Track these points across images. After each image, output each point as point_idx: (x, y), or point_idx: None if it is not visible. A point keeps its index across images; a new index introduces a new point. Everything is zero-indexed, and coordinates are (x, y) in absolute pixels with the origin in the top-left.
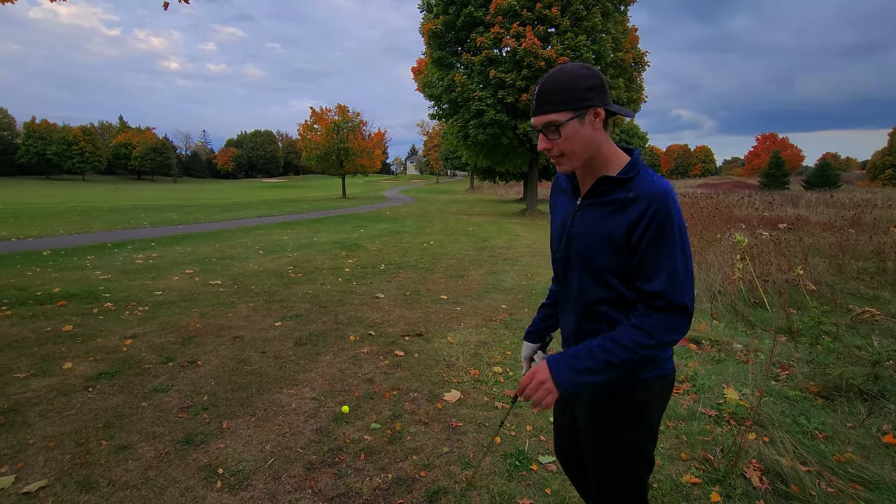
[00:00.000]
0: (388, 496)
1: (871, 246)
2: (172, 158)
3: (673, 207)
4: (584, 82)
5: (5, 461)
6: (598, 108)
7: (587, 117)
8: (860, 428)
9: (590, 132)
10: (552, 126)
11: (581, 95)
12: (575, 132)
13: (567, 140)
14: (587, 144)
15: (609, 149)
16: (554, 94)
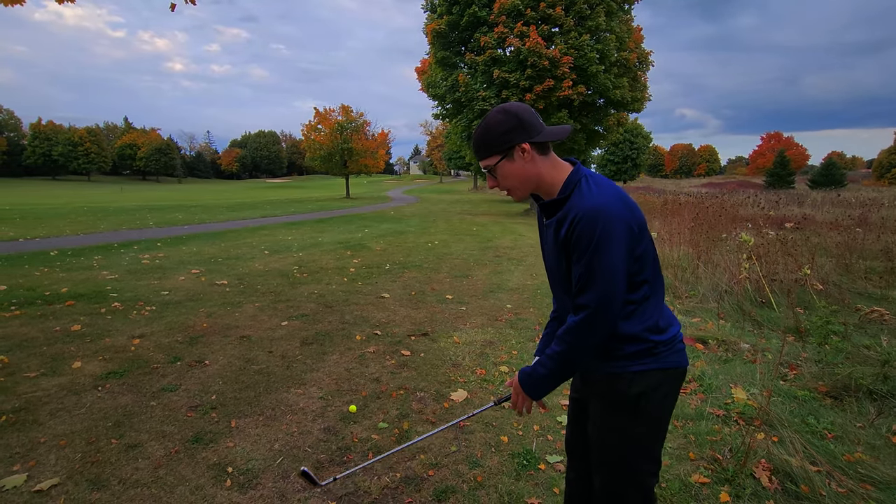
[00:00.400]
0: (396, 495)
1: (879, 245)
2: (177, 159)
3: (598, 224)
4: (500, 128)
5: (17, 459)
6: (521, 144)
7: (515, 154)
8: (870, 428)
9: (522, 166)
10: (489, 169)
11: (501, 140)
12: (508, 170)
13: (504, 178)
14: (524, 176)
15: (551, 173)
16: (480, 145)
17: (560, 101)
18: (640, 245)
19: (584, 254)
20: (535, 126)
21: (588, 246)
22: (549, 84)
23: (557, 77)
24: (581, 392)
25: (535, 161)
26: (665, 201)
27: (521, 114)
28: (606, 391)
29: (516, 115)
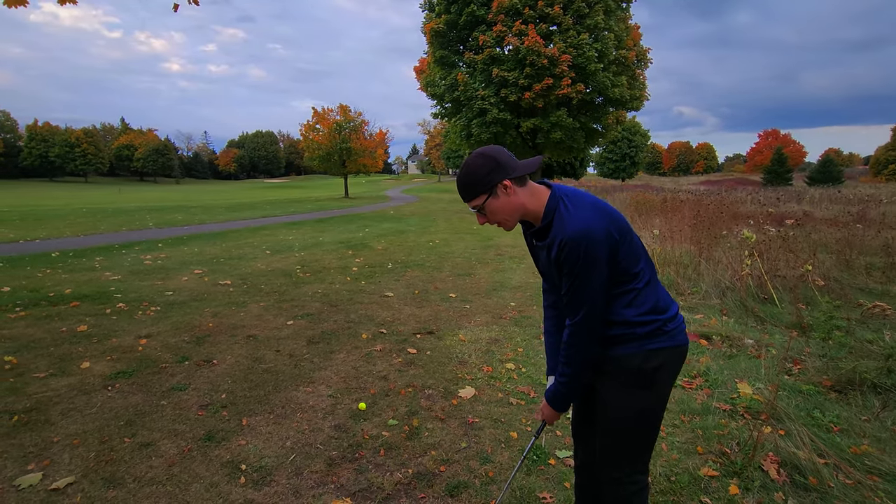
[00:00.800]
0: (409, 491)
1: (879, 241)
2: (174, 160)
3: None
4: (481, 171)
5: (31, 458)
6: (503, 181)
7: (498, 191)
8: (875, 421)
9: (507, 201)
10: (477, 208)
11: (484, 181)
12: (495, 206)
13: (493, 213)
14: (510, 209)
15: (532, 201)
16: (466, 187)
17: (559, 100)
18: (624, 246)
19: (570, 276)
20: (510, 164)
21: (573, 269)
22: (548, 82)
23: (556, 75)
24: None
25: (516, 193)
26: (664, 199)
27: (497, 156)
28: (621, 371)
29: (493, 157)
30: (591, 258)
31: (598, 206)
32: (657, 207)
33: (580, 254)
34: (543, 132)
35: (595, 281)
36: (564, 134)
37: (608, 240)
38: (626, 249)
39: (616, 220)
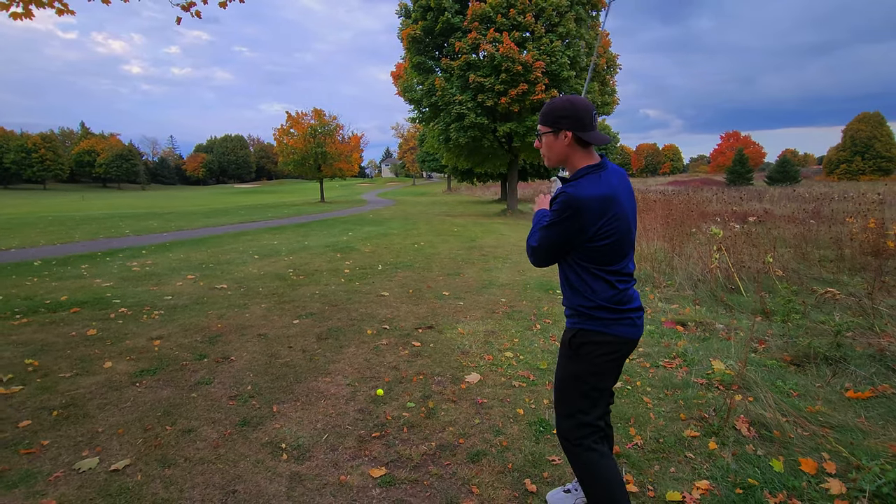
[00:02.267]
0: (435, 459)
1: (830, 235)
2: (140, 165)
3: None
4: (558, 111)
5: (83, 446)
6: (566, 131)
7: (560, 135)
8: (827, 387)
9: (558, 144)
10: (538, 133)
11: (555, 118)
12: (549, 142)
13: (544, 146)
14: (556, 153)
15: (578, 160)
16: (543, 114)
17: (534, 105)
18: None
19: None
20: (584, 125)
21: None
22: (523, 88)
23: (531, 81)
24: None
25: (571, 147)
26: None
27: (579, 110)
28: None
29: (575, 109)
30: (563, 217)
31: (609, 198)
32: None
33: (561, 208)
34: (520, 136)
35: (553, 233)
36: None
37: (586, 218)
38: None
39: (613, 218)
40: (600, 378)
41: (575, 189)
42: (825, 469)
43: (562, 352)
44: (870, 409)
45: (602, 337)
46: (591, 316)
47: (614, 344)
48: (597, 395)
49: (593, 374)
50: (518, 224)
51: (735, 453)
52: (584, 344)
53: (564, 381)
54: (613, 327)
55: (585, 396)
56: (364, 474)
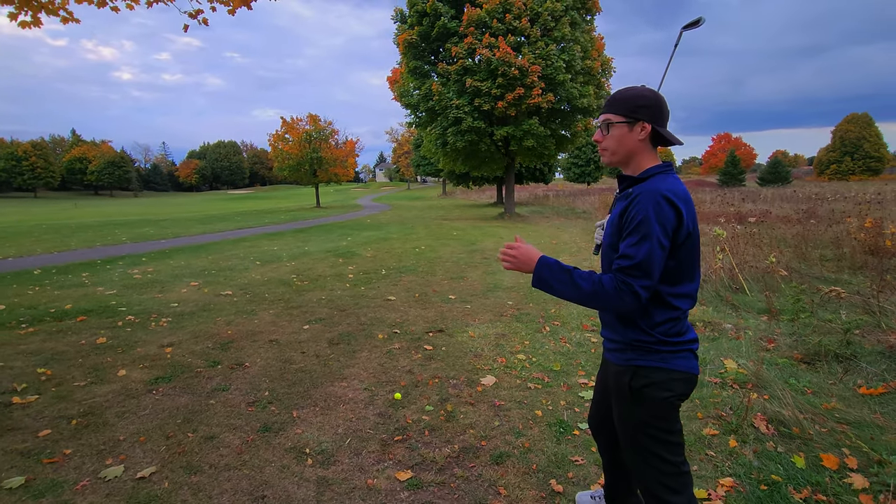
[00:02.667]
0: (459, 462)
1: (829, 235)
2: (132, 172)
3: (650, 201)
4: (641, 100)
5: (106, 454)
6: (645, 123)
7: (636, 127)
8: (840, 384)
9: (630, 138)
10: (607, 123)
11: (635, 108)
12: (620, 134)
13: (613, 138)
14: (626, 148)
15: (645, 159)
16: (618, 102)
17: (530, 108)
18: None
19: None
20: (662, 120)
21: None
22: (519, 92)
23: (527, 85)
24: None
25: (644, 143)
26: None
27: (661, 104)
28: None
29: (658, 102)
30: (662, 220)
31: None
32: None
33: (648, 207)
34: (516, 140)
35: (655, 244)
36: (536, 141)
37: (683, 218)
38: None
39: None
40: (673, 422)
41: (665, 184)
42: (847, 464)
43: (618, 397)
44: (884, 404)
45: (667, 374)
46: (650, 349)
47: (681, 382)
48: (676, 439)
49: (663, 419)
50: (517, 227)
51: (756, 450)
52: (646, 386)
53: (635, 433)
54: (674, 361)
55: (664, 445)
56: (391, 478)
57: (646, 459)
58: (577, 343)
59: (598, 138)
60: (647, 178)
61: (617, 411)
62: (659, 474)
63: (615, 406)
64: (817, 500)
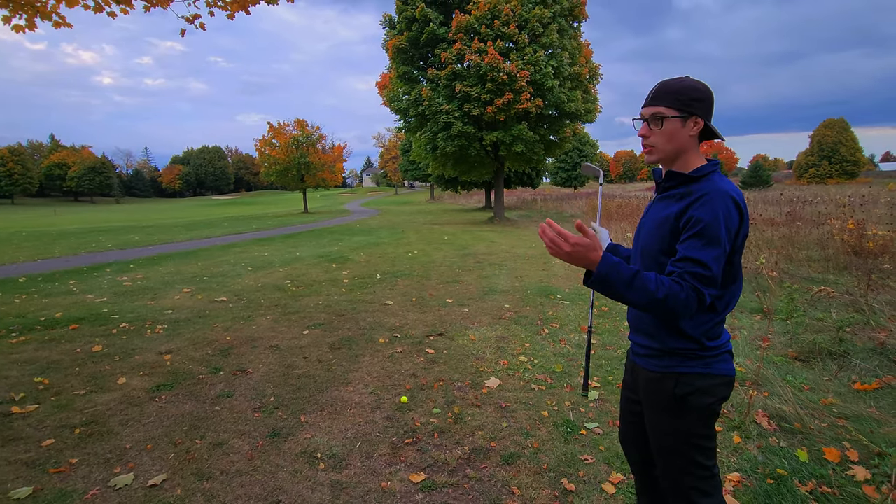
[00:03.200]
0: (471, 463)
1: (814, 237)
2: (113, 178)
3: (720, 204)
4: (695, 94)
5: (113, 463)
6: (698, 118)
7: (689, 122)
8: (835, 380)
9: (683, 133)
10: (657, 117)
11: (689, 101)
12: (672, 129)
13: (664, 133)
14: (676, 143)
15: (694, 156)
16: (669, 92)
17: (519, 114)
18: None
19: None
20: (711, 114)
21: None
22: (508, 97)
23: (516, 91)
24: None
25: (692, 137)
26: (619, 205)
27: (712, 98)
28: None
29: (711, 95)
30: (723, 224)
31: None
32: (613, 212)
33: (718, 210)
34: (506, 144)
35: (721, 250)
36: (525, 146)
37: (745, 219)
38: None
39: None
40: (713, 427)
41: (727, 184)
42: (848, 457)
43: (656, 406)
44: (878, 399)
45: (710, 380)
46: (693, 355)
47: (723, 386)
48: (712, 444)
49: (706, 425)
50: (507, 231)
51: (760, 446)
52: (691, 394)
53: (676, 442)
54: (716, 365)
55: (703, 451)
56: (404, 480)
57: (684, 467)
58: (577, 345)
59: (644, 132)
60: (703, 177)
61: (655, 421)
62: (696, 480)
63: (652, 415)
64: (823, 493)
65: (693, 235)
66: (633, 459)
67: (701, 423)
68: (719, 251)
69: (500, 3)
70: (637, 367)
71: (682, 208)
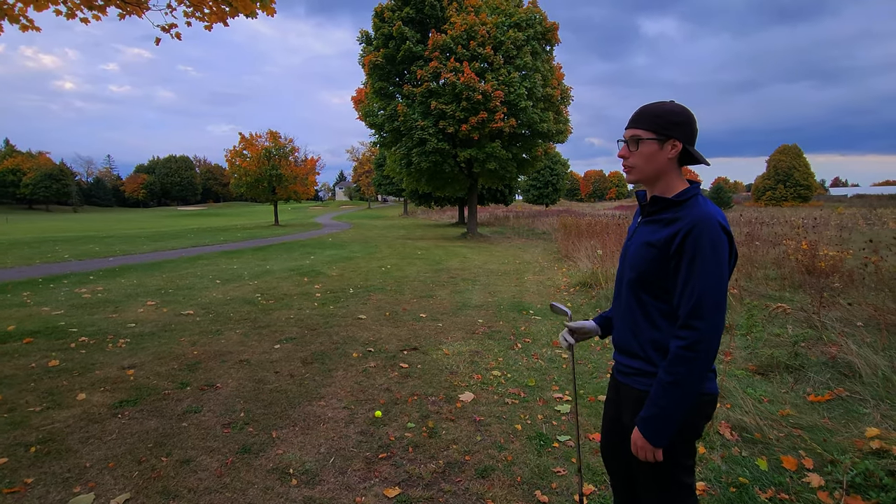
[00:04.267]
0: (446, 476)
1: (771, 256)
2: (72, 186)
3: (706, 232)
4: (674, 117)
5: (73, 482)
6: (676, 141)
7: (667, 145)
8: (791, 392)
9: (660, 155)
10: (635, 139)
11: (667, 124)
12: (649, 151)
13: (640, 155)
14: (654, 166)
15: (675, 180)
16: (648, 117)
17: (493, 132)
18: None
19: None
20: (693, 138)
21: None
22: (483, 116)
23: (490, 110)
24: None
25: (673, 162)
26: (589, 223)
27: (694, 122)
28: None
29: (691, 119)
30: (721, 250)
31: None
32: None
33: (711, 238)
34: (479, 162)
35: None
36: (498, 164)
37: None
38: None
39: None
40: (694, 445)
41: (710, 208)
42: (804, 465)
43: None
44: (831, 410)
45: (698, 398)
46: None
47: (709, 404)
48: (692, 462)
49: (689, 443)
50: (480, 247)
51: (723, 456)
52: None
53: (663, 468)
54: (706, 383)
55: (683, 469)
56: (379, 495)
57: (665, 484)
58: (549, 359)
59: (623, 154)
60: (686, 201)
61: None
62: (675, 498)
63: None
64: (781, 499)
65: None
66: (615, 474)
67: (683, 442)
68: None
69: (476, 24)
70: (622, 386)
71: (670, 235)
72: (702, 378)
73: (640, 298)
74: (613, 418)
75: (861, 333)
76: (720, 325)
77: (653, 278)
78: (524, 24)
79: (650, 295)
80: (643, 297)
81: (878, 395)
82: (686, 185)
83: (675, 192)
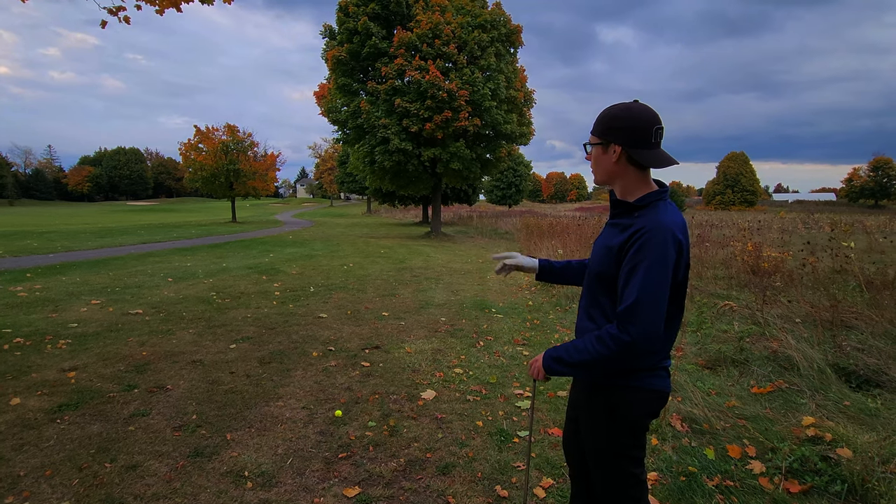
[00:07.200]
0: (407, 474)
1: (720, 257)
2: (8, 177)
3: (654, 240)
4: (612, 122)
5: (4, 493)
6: (615, 145)
7: (609, 149)
8: (737, 385)
9: (605, 159)
10: (587, 144)
11: (606, 129)
12: (596, 155)
13: (593, 160)
14: (604, 170)
15: (634, 183)
16: (597, 120)
17: (457, 132)
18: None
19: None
20: (641, 140)
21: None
22: (447, 115)
23: (455, 109)
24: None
25: (621, 166)
26: (551, 223)
27: (636, 120)
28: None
29: (631, 118)
30: (664, 251)
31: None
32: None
33: (657, 246)
34: (443, 162)
35: (663, 283)
36: (462, 164)
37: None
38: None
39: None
40: (643, 438)
41: (667, 215)
42: (748, 453)
43: (593, 416)
44: (772, 400)
45: (642, 394)
46: (629, 372)
47: (656, 400)
48: (641, 454)
49: (637, 436)
50: (443, 246)
51: (674, 446)
52: (624, 405)
53: (608, 451)
54: (651, 381)
55: (632, 461)
56: (338, 495)
57: (614, 476)
58: (511, 356)
59: (588, 157)
60: (646, 206)
61: (589, 430)
62: (626, 487)
63: (587, 425)
64: (726, 486)
65: (632, 270)
66: (573, 465)
67: (631, 434)
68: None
69: (441, 23)
70: (576, 380)
71: (623, 240)
72: (612, 366)
73: (600, 293)
74: (571, 411)
75: (799, 329)
76: (653, 333)
77: (610, 279)
78: (489, 26)
79: (607, 293)
80: (602, 292)
81: (814, 387)
82: (650, 188)
83: (635, 196)
